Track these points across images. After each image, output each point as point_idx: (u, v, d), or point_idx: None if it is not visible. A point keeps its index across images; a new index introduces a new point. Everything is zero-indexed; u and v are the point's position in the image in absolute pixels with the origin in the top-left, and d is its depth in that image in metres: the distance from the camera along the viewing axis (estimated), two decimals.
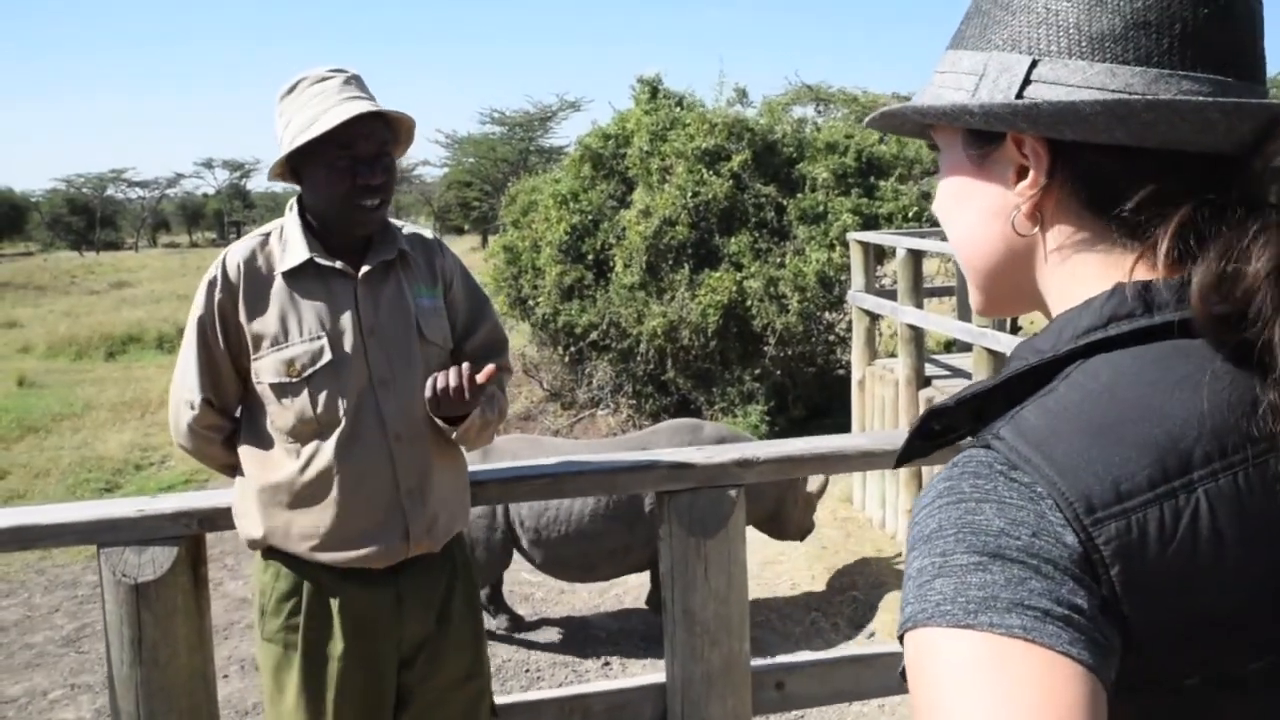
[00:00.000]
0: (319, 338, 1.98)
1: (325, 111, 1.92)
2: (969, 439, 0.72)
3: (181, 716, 2.14)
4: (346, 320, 2.00)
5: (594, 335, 11.08)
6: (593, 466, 2.32)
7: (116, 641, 2.10)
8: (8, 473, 10.12)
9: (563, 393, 11.83)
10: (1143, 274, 0.70)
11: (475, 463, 2.30)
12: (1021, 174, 0.74)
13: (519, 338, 12.54)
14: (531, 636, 6.02)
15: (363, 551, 1.99)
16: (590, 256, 11.55)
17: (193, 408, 2.03)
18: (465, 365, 1.96)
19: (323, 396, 1.97)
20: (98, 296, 27.30)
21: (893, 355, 8.93)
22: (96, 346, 17.76)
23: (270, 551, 2.06)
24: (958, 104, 0.74)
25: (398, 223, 2.17)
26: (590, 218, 11.66)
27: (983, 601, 0.59)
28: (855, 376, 9.13)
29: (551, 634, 6.10)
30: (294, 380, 1.97)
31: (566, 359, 11.59)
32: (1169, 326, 0.67)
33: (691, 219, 10.91)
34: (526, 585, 6.68)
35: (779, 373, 10.50)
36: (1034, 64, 0.71)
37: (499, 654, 5.73)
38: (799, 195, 11.24)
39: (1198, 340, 0.66)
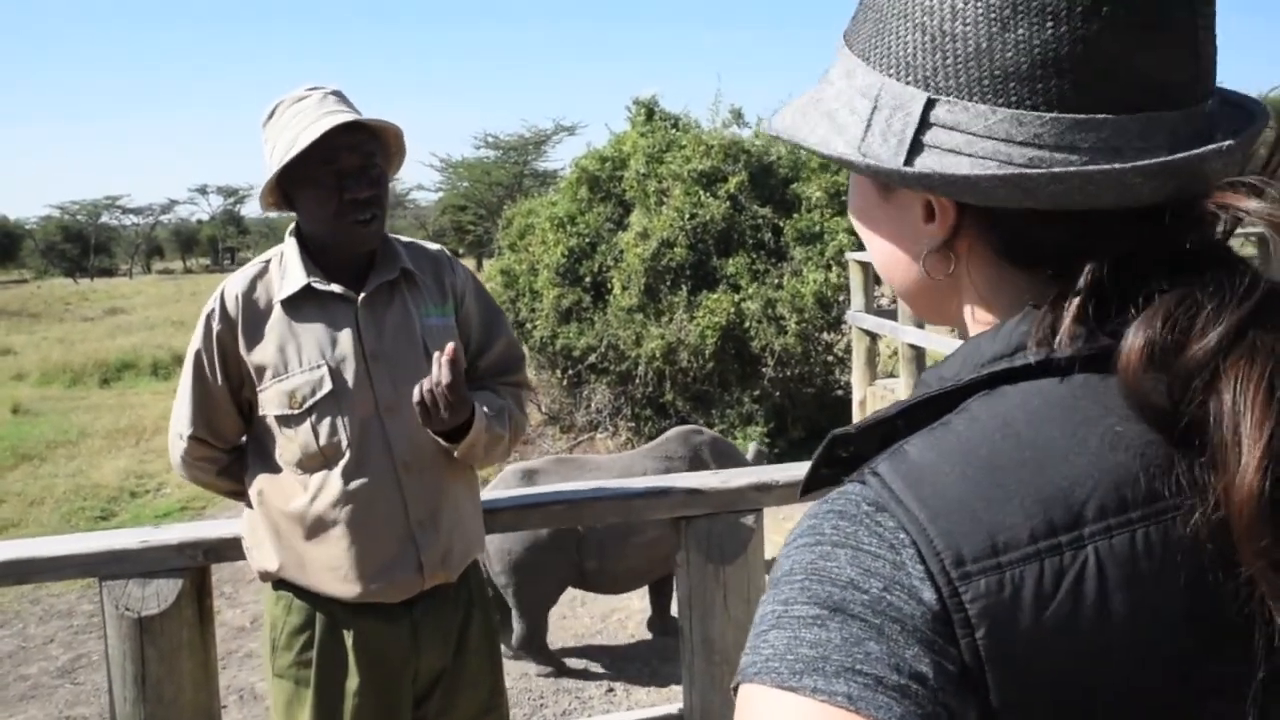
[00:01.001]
0: (319, 366, 1.91)
1: (304, 129, 1.85)
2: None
3: None
4: (347, 346, 1.93)
5: (592, 358, 11.03)
6: (608, 493, 2.28)
7: (119, 677, 2.04)
8: (2, 501, 10.01)
9: (561, 416, 11.76)
10: (1051, 311, 0.63)
11: (510, 489, 2.25)
12: (930, 211, 0.66)
13: None
14: (533, 662, 5.94)
15: (376, 585, 1.93)
16: (588, 279, 11.52)
17: (183, 439, 2.01)
18: (436, 355, 1.84)
19: (325, 427, 1.91)
20: (92, 323, 27.20)
21: (893, 375, 8.91)
22: (91, 373, 17.65)
23: (281, 584, 2.00)
24: (844, 156, 0.66)
25: (403, 239, 2.11)
26: (587, 240, 11.64)
27: (811, 662, 0.53)
28: (856, 397, 9.09)
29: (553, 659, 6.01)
30: (296, 412, 1.91)
31: (565, 382, 11.53)
32: (1080, 361, 0.60)
33: (689, 241, 10.89)
34: None
35: (778, 394, 10.46)
36: (930, 104, 0.62)
37: (511, 674, 5.65)
38: (795, 216, 11.24)
39: (1113, 378, 0.59)
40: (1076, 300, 0.61)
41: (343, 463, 1.91)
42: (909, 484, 0.58)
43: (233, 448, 2.06)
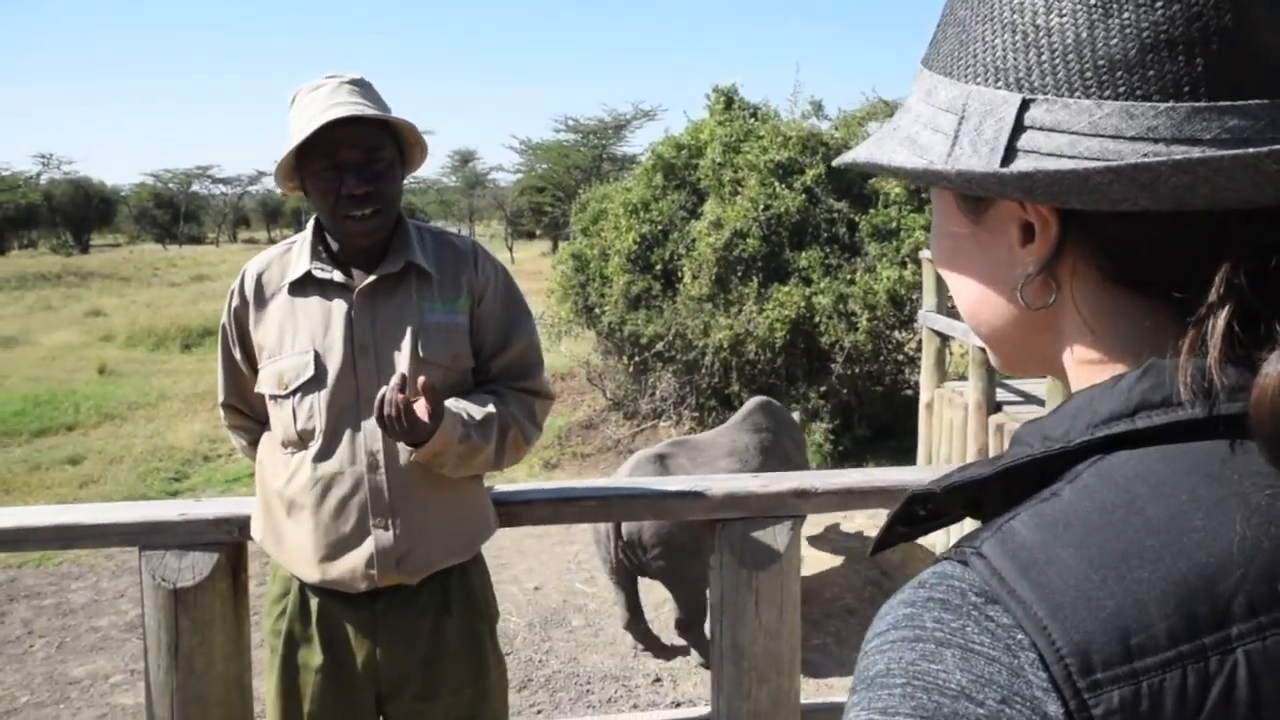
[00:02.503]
0: (307, 352, 1.93)
1: (308, 121, 1.85)
2: (952, 547, 0.56)
3: None
4: (337, 335, 1.94)
5: (659, 346, 11.00)
6: (642, 491, 2.25)
7: (154, 646, 2.08)
8: (83, 458, 10.36)
9: (625, 402, 11.76)
10: (1189, 354, 0.53)
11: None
12: (1028, 231, 0.59)
13: (584, 345, 12.52)
14: (584, 649, 5.96)
15: (329, 573, 1.94)
16: (659, 267, 11.48)
17: (222, 408, 2.12)
18: (396, 378, 1.80)
19: (304, 410, 1.93)
20: (178, 289, 28.01)
21: (963, 378, 8.72)
22: (174, 338, 18.17)
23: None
24: (930, 168, 0.59)
25: (433, 228, 2.09)
26: (660, 228, 11.59)
27: None
28: (924, 399, 8.92)
29: (604, 646, 6.03)
30: (283, 393, 1.94)
31: (631, 369, 11.52)
32: (1217, 422, 0.51)
33: (762, 232, 10.78)
34: (581, 596, 6.63)
35: (845, 391, 10.32)
36: (1025, 105, 0.55)
37: (550, 665, 5.68)
38: (871, 211, 11.05)
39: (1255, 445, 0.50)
40: (1220, 328, 0.51)
41: (315, 448, 1.93)
42: (1022, 571, 0.50)
43: (262, 420, 2.09)
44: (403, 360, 1.93)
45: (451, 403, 1.92)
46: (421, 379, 1.79)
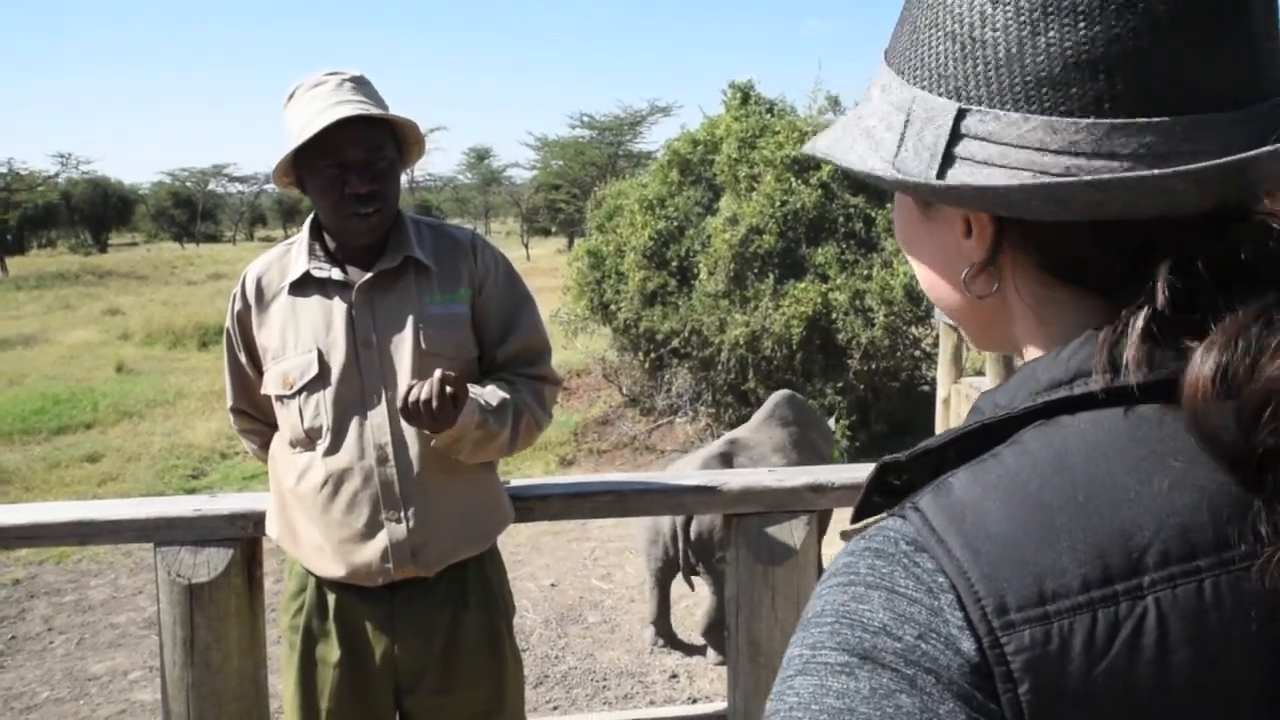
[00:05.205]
0: (310, 351, 1.94)
1: (311, 119, 1.84)
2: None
3: None
4: (339, 332, 1.94)
5: (675, 342, 10.98)
6: (658, 485, 2.23)
7: (169, 641, 2.08)
8: (102, 456, 10.42)
9: (641, 398, 11.76)
10: (1109, 341, 0.57)
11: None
12: (970, 226, 0.63)
13: (600, 342, 12.51)
14: (601, 645, 5.96)
15: (345, 569, 1.95)
16: (674, 263, 11.46)
17: (230, 412, 2.12)
18: (437, 375, 1.81)
19: (310, 409, 1.93)
20: (195, 287, 28.16)
21: (980, 373, 8.68)
22: (191, 336, 18.25)
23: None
24: (872, 172, 0.63)
25: (431, 221, 2.09)
26: (676, 224, 11.57)
27: (836, 714, 0.50)
28: (940, 394, 8.87)
29: (620, 643, 6.02)
30: (289, 393, 1.95)
31: (646, 365, 11.51)
32: (1148, 389, 0.55)
33: (779, 228, 10.75)
34: (597, 593, 6.63)
35: (862, 387, 10.28)
36: (962, 114, 0.59)
37: (566, 661, 5.68)
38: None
39: (1181, 409, 0.54)
40: (1141, 318, 0.55)
41: (323, 445, 1.94)
42: (952, 521, 0.54)
43: (270, 422, 2.10)
44: (406, 353, 1.93)
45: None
46: (439, 372, 1.80)
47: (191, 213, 62.25)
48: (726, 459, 5.75)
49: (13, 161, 59.95)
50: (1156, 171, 0.53)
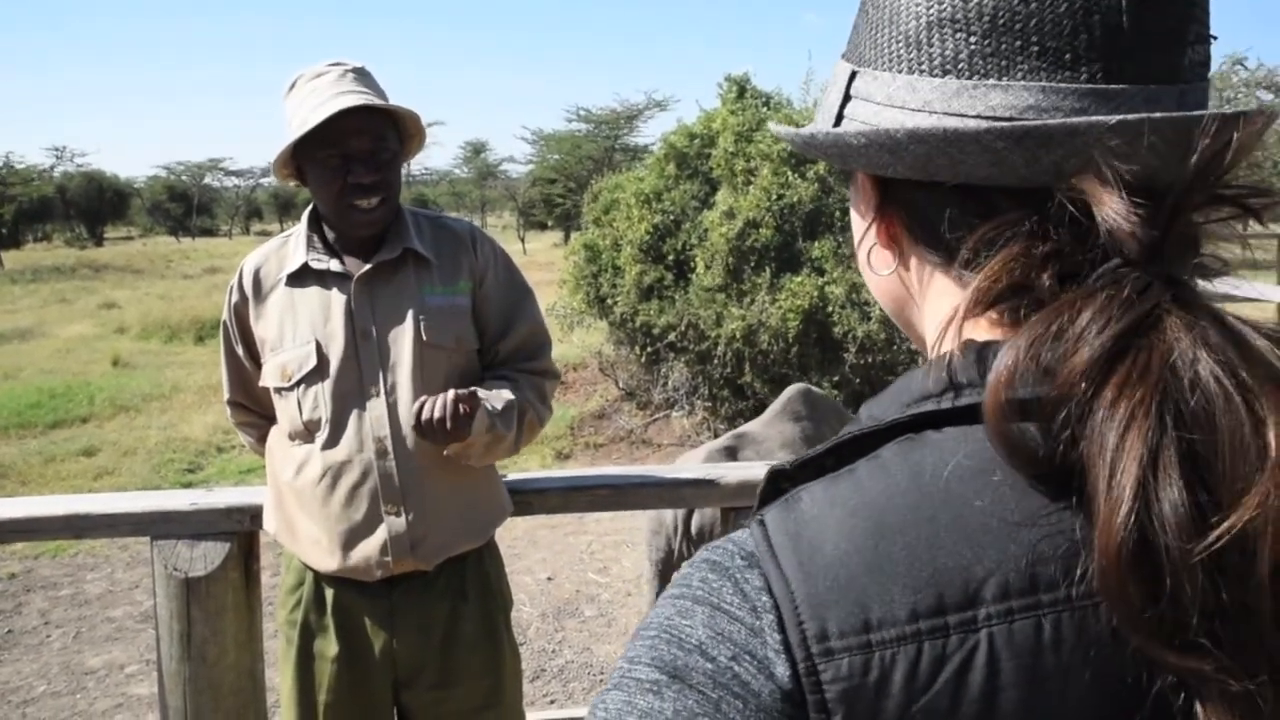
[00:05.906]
0: (309, 343, 1.93)
1: (314, 109, 1.83)
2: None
3: (228, 715, 2.10)
4: (338, 324, 1.93)
5: (671, 336, 10.98)
6: (655, 479, 2.23)
7: (166, 635, 2.07)
8: (98, 449, 10.41)
9: (638, 392, 11.76)
10: (986, 330, 0.55)
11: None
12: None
13: (596, 335, 12.50)
14: (597, 639, 5.96)
15: (343, 562, 1.94)
16: (671, 257, 11.45)
17: (227, 404, 2.11)
18: (450, 394, 1.81)
19: (309, 401, 1.93)
20: (191, 281, 28.11)
21: None
22: (187, 330, 18.22)
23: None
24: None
25: (429, 213, 2.08)
26: (672, 218, 11.56)
27: None
28: None
29: (617, 637, 6.03)
30: (287, 385, 1.94)
31: (643, 359, 11.50)
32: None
33: (775, 222, 10.74)
34: (594, 587, 6.63)
35: (858, 381, 10.28)
36: (853, 76, 0.61)
37: (563, 655, 5.68)
38: None
39: None
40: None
41: (321, 438, 1.93)
42: (789, 537, 0.51)
43: (267, 415, 2.09)
44: (406, 345, 1.92)
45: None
46: (452, 392, 1.82)
47: (187, 207, 62.13)
48: (731, 453, 5.75)
49: (8, 155, 59.73)
50: (972, 125, 0.52)
